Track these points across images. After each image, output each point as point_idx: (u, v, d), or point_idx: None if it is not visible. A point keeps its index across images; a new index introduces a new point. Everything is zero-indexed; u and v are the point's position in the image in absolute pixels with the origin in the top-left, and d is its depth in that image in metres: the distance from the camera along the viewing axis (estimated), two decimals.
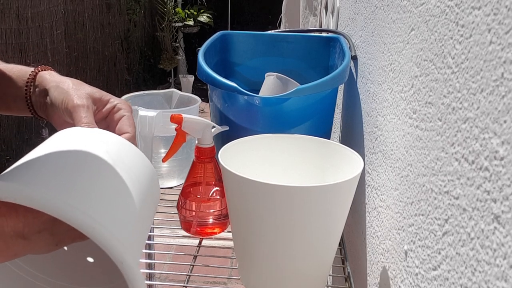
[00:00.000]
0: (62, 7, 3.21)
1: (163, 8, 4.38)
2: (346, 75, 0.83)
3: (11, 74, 0.60)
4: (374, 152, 0.75)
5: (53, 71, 0.60)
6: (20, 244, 0.42)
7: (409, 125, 0.57)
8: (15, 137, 2.88)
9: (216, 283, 2.05)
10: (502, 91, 0.35)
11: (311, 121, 0.82)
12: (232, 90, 0.77)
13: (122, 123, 0.57)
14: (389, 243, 0.63)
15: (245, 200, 0.61)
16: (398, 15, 0.65)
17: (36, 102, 0.59)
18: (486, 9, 0.38)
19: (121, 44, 4.14)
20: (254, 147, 0.72)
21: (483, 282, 0.36)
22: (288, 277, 0.63)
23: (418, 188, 0.53)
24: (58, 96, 0.56)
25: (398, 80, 0.63)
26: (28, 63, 2.78)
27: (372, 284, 0.72)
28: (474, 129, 0.40)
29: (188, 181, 0.80)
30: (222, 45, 1.01)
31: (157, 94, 1.03)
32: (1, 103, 0.61)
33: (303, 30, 1.55)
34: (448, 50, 0.46)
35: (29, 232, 0.42)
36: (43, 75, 0.59)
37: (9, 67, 0.61)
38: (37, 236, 0.43)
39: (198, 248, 0.80)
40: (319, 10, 1.77)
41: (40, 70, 0.59)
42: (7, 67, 0.61)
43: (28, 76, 0.59)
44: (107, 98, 0.58)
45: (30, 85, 0.59)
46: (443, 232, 0.45)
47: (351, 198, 0.63)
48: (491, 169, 0.36)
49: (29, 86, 0.59)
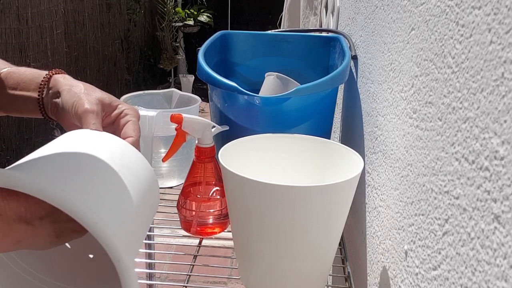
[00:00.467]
0: (62, 6, 3.20)
1: (163, 7, 4.38)
2: (346, 75, 0.83)
3: (23, 77, 0.62)
4: (374, 152, 0.75)
5: (67, 74, 0.63)
6: (23, 228, 0.42)
7: (409, 125, 0.57)
8: (15, 137, 2.88)
9: (216, 283, 2.05)
10: (502, 91, 0.35)
11: (311, 121, 0.82)
12: (232, 90, 0.77)
13: (127, 128, 0.60)
14: (389, 243, 0.63)
15: (245, 200, 0.61)
16: (398, 15, 0.65)
17: (48, 104, 0.61)
18: (486, 8, 0.38)
19: (121, 44, 4.14)
20: (254, 147, 0.72)
21: (483, 282, 0.36)
22: (288, 276, 0.63)
23: (418, 188, 0.53)
24: (69, 100, 0.58)
25: (398, 79, 0.63)
26: (28, 62, 2.78)
27: (372, 284, 0.72)
28: (474, 129, 0.40)
29: (188, 181, 0.80)
30: (222, 45, 1.00)
31: (157, 94, 1.03)
32: (12, 105, 0.64)
33: (303, 30, 1.55)
34: (448, 49, 0.46)
35: (31, 217, 0.43)
36: (57, 78, 0.61)
37: (21, 70, 0.64)
38: (40, 223, 0.43)
39: (198, 248, 0.80)
40: (319, 9, 1.77)
41: (54, 73, 0.62)
42: (20, 70, 0.63)
43: (42, 79, 0.61)
44: (116, 104, 0.61)
45: (43, 87, 0.61)
46: (443, 232, 0.45)
47: (351, 198, 0.63)
48: (491, 169, 0.36)
49: (42, 88, 0.61)
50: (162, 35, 4.48)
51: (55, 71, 0.62)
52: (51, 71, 0.62)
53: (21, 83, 0.62)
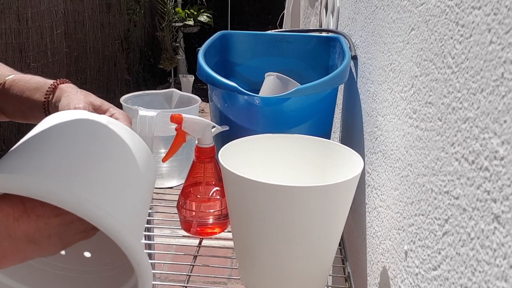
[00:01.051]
0: (62, 7, 3.20)
1: (163, 8, 4.38)
2: (346, 75, 0.83)
3: (29, 85, 0.66)
4: (374, 152, 0.75)
5: (71, 83, 0.67)
6: (30, 248, 0.43)
7: (409, 125, 0.57)
8: (15, 137, 2.88)
9: (216, 283, 2.05)
10: (502, 91, 0.35)
11: (311, 121, 0.82)
12: (232, 90, 0.77)
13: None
14: (389, 243, 0.63)
15: (245, 200, 0.61)
16: (398, 15, 0.65)
17: (52, 111, 0.64)
18: (486, 9, 0.38)
19: (121, 44, 4.14)
20: (254, 147, 0.72)
21: (483, 282, 0.36)
22: (288, 276, 0.63)
23: (418, 188, 0.53)
24: (64, 102, 0.62)
25: (398, 80, 0.63)
26: (28, 63, 2.78)
27: (372, 284, 0.72)
28: (474, 129, 0.40)
29: (188, 181, 0.80)
30: (222, 45, 1.00)
31: (157, 94, 1.03)
32: (19, 111, 0.67)
33: (303, 30, 1.55)
34: (448, 50, 0.46)
35: (40, 237, 0.43)
36: (62, 87, 0.65)
37: (27, 77, 0.67)
38: (47, 241, 0.44)
39: (198, 248, 0.80)
40: (319, 9, 1.77)
41: (60, 83, 0.65)
42: (25, 78, 0.67)
43: (48, 88, 0.64)
44: (106, 107, 0.63)
45: (49, 95, 0.64)
46: (443, 232, 0.45)
47: (351, 198, 0.63)
48: (491, 169, 0.36)
49: (48, 95, 0.64)
50: (162, 35, 4.48)
51: (60, 81, 0.65)
52: (56, 81, 0.65)
53: (26, 91, 0.65)
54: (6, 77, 0.66)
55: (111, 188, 0.46)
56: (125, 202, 0.47)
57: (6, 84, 0.66)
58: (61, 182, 0.43)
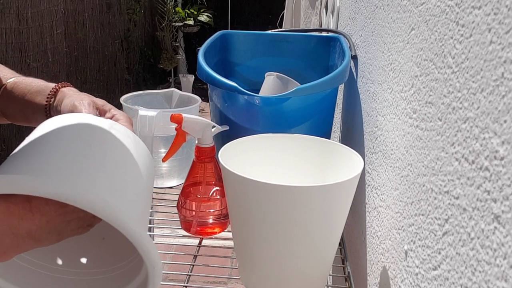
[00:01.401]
0: (62, 6, 3.20)
1: (163, 7, 4.38)
2: (346, 75, 0.83)
3: (30, 88, 0.66)
4: (374, 152, 0.75)
5: (72, 87, 0.67)
6: (29, 244, 0.45)
7: (409, 125, 0.57)
8: (15, 137, 2.88)
9: (216, 283, 2.05)
10: (502, 91, 0.35)
11: (311, 121, 0.82)
12: (232, 90, 0.77)
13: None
14: (389, 243, 0.63)
15: (245, 200, 0.61)
16: (398, 15, 0.65)
17: (54, 114, 0.64)
18: (486, 8, 0.38)
19: (121, 44, 4.14)
20: (254, 147, 0.72)
21: (483, 282, 0.36)
22: (288, 276, 0.63)
23: (418, 188, 0.53)
24: (66, 101, 0.62)
25: (398, 79, 0.63)
26: (28, 62, 2.78)
27: (372, 284, 0.72)
28: (474, 129, 0.40)
29: (188, 181, 0.80)
30: (222, 44, 1.00)
31: (157, 94, 1.03)
32: (20, 114, 0.67)
33: (303, 30, 1.55)
34: (448, 49, 0.46)
35: (40, 234, 0.45)
36: (63, 90, 0.65)
37: (28, 80, 0.67)
38: (46, 237, 0.46)
39: (198, 248, 0.80)
40: (319, 9, 1.77)
41: (61, 86, 0.66)
42: (27, 81, 0.67)
43: (49, 92, 0.65)
44: (108, 108, 0.63)
45: (51, 98, 0.65)
46: (443, 232, 0.45)
47: (351, 198, 0.63)
48: (491, 169, 0.36)
49: (50, 98, 0.65)
50: (162, 35, 4.48)
51: (61, 85, 0.66)
52: (57, 85, 0.66)
53: (28, 94, 0.65)
54: (7, 79, 0.67)
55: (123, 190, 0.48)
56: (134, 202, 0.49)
57: (8, 87, 0.66)
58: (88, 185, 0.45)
